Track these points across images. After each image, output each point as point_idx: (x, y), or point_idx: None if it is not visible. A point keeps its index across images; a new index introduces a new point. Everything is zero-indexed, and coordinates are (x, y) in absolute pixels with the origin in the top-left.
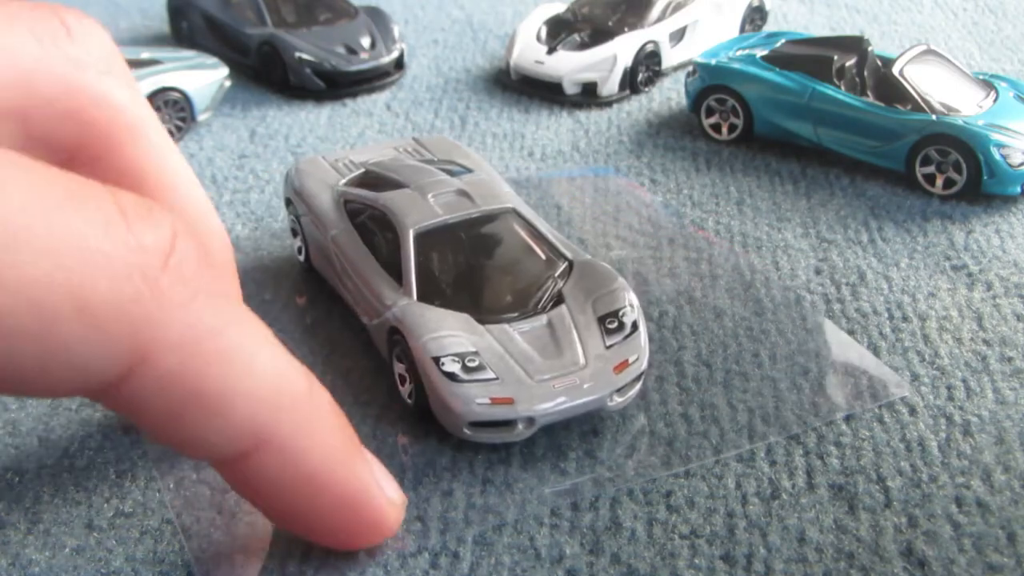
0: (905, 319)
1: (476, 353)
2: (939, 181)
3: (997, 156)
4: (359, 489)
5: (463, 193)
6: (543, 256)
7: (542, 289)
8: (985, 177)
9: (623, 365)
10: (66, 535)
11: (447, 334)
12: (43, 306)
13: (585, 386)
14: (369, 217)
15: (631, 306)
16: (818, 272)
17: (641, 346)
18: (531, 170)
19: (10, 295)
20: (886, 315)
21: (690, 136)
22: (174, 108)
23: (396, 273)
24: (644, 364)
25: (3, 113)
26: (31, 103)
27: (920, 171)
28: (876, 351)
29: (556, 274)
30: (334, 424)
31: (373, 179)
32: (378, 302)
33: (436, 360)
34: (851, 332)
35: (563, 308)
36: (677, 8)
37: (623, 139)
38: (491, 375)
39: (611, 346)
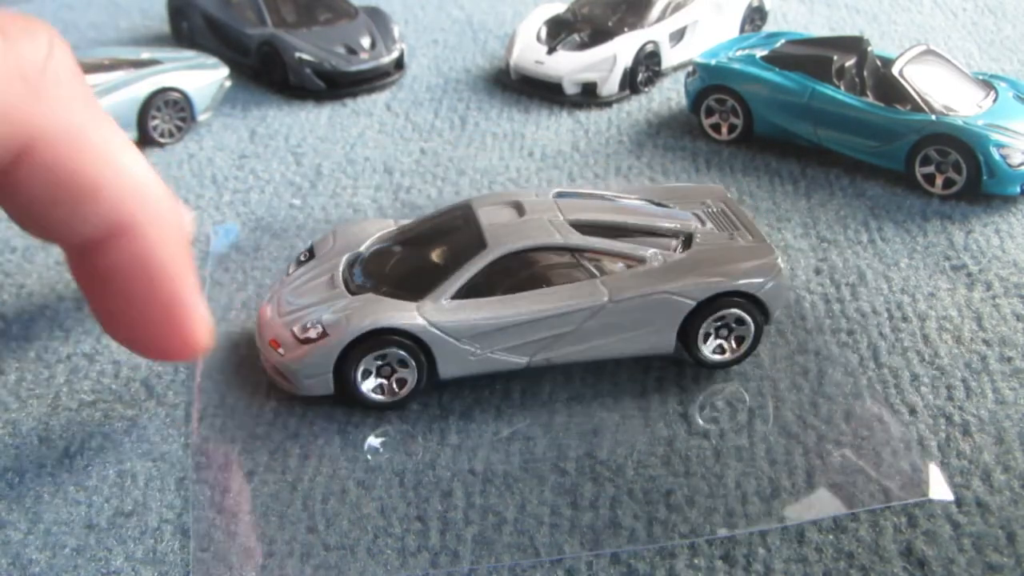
0: (905, 319)
1: None
2: (939, 181)
3: (997, 156)
4: (189, 297)
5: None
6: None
7: None
8: (985, 177)
9: None
10: (66, 535)
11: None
12: None
13: None
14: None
15: None
16: (818, 272)
17: None
18: (531, 170)
19: None
20: (886, 315)
21: (690, 136)
22: (174, 108)
23: None
24: None
25: None
26: None
27: (920, 171)
28: (876, 351)
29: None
30: (181, 233)
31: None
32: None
33: None
34: (851, 332)
35: None
36: (677, 8)
37: (623, 139)
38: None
39: None
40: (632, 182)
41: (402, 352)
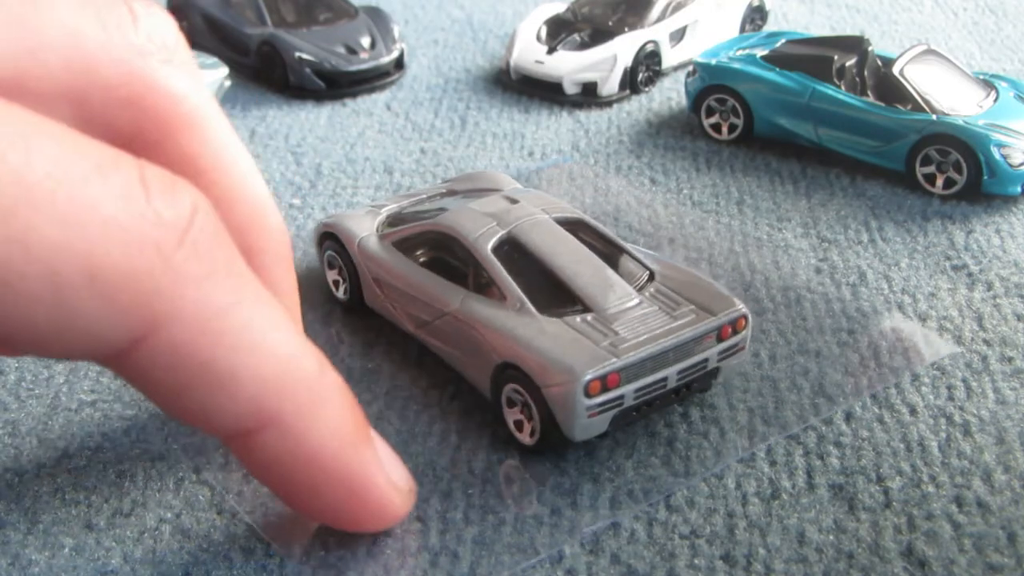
0: (905, 319)
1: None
2: (939, 181)
3: (997, 156)
4: (363, 473)
5: (510, 199)
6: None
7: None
8: (985, 177)
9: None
10: (65, 535)
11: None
12: (57, 272)
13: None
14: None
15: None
16: (818, 272)
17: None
18: (531, 170)
19: (27, 259)
20: (886, 315)
21: (690, 136)
22: None
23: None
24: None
25: (61, 94)
26: (91, 87)
27: (920, 171)
28: (876, 351)
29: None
30: (342, 407)
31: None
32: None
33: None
34: (851, 332)
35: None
36: (677, 8)
37: (623, 139)
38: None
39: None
40: (632, 182)
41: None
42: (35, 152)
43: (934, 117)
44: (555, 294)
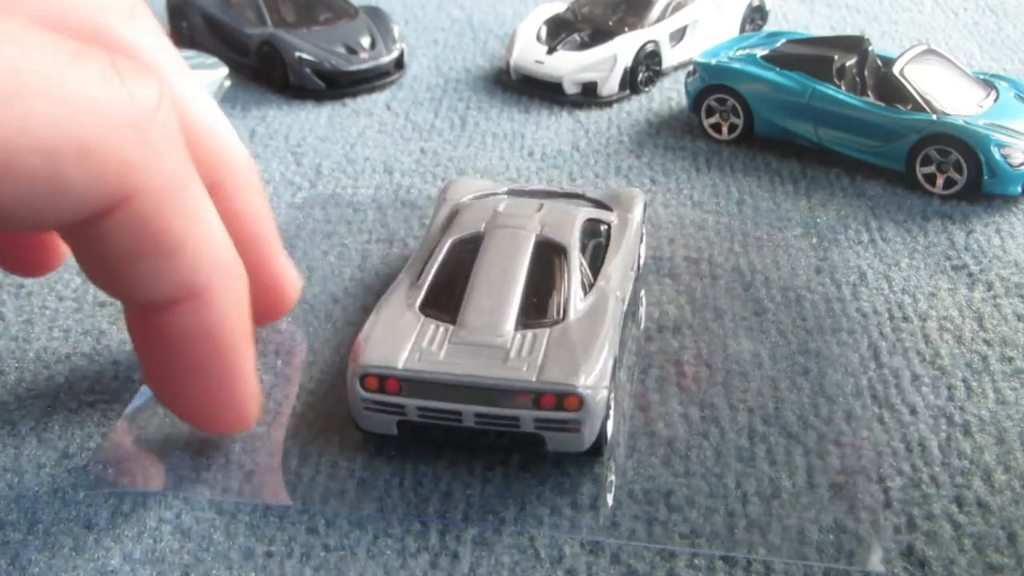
0: (905, 319)
1: None
2: (939, 181)
3: (998, 156)
4: (242, 369)
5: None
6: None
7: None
8: (986, 177)
9: None
10: (64, 535)
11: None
12: (54, 149)
13: None
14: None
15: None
16: (818, 272)
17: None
18: (531, 170)
19: (28, 139)
20: (886, 315)
21: (690, 136)
22: None
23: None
24: None
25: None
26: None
27: (920, 171)
28: (876, 351)
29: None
30: (245, 298)
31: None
32: None
33: None
34: (851, 332)
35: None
36: (677, 8)
37: (623, 139)
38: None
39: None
40: (632, 182)
41: None
42: (25, 45)
43: (934, 117)
44: (451, 300)
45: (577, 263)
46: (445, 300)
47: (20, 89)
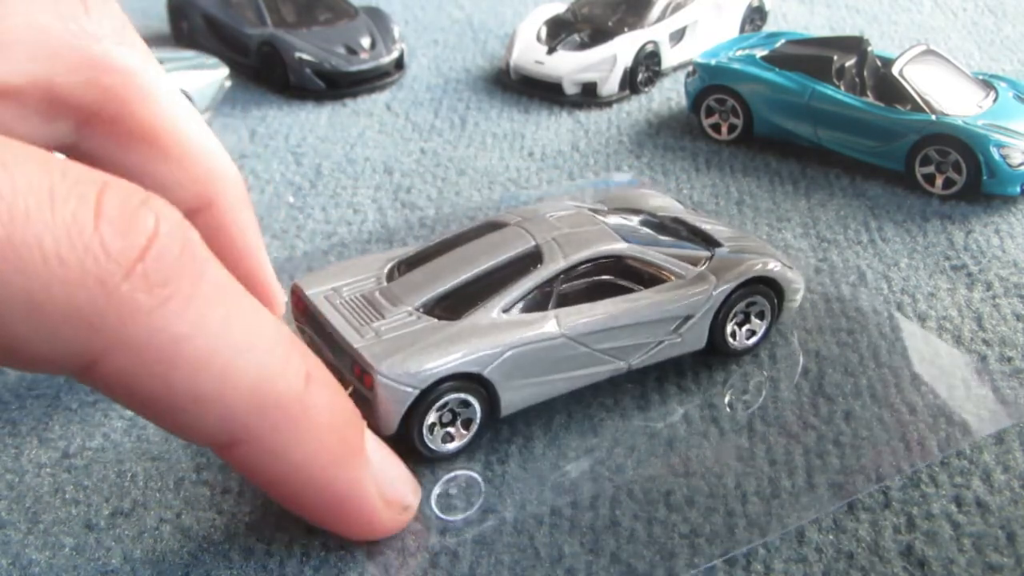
0: (905, 319)
1: None
2: (939, 181)
3: (997, 156)
4: (349, 491)
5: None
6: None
7: None
8: (985, 177)
9: None
10: (65, 535)
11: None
12: None
13: None
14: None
15: None
16: (818, 272)
17: None
18: (531, 170)
19: None
20: (886, 315)
21: (690, 136)
22: None
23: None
24: None
25: (29, 82)
26: (56, 72)
27: (920, 171)
28: (876, 351)
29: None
30: (328, 425)
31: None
32: (691, 304)
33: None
34: (851, 332)
35: None
36: (677, 8)
37: (623, 139)
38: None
39: None
40: (631, 182)
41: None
42: None
43: (933, 117)
44: (416, 265)
45: (541, 279)
46: (415, 263)
47: None
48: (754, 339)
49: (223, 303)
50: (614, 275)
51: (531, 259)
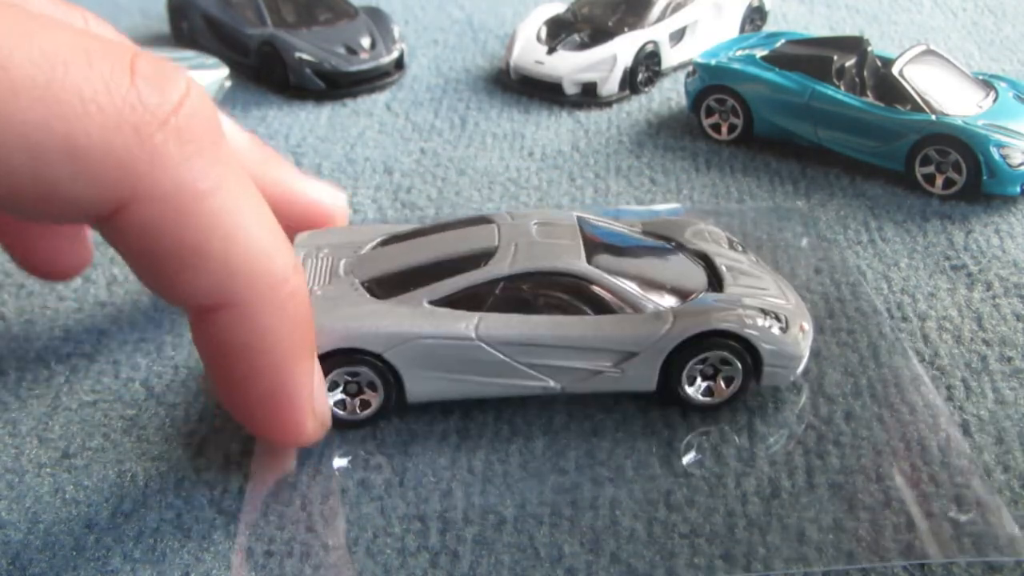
0: (905, 319)
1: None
2: (939, 181)
3: (997, 156)
4: (292, 385)
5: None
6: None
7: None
8: (985, 177)
9: None
10: (65, 535)
11: (753, 302)
12: (37, 148)
13: None
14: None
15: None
16: (818, 272)
17: None
18: (531, 170)
19: (8, 135)
20: (886, 315)
21: (690, 136)
22: None
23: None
24: None
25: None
26: (85, 140)
27: (920, 171)
28: (876, 351)
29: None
30: (297, 317)
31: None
32: (634, 341)
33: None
34: (851, 332)
35: None
36: (677, 8)
37: (623, 139)
38: (785, 314)
39: None
40: (631, 182)
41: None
42: (20, 42)
43: (933, 117)
44: (397, 240)
45: (477, 280)
46: (392, 242)
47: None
48: (711, 399)
49: (239, 177)
50: (566, 294)
51: (482, 259)
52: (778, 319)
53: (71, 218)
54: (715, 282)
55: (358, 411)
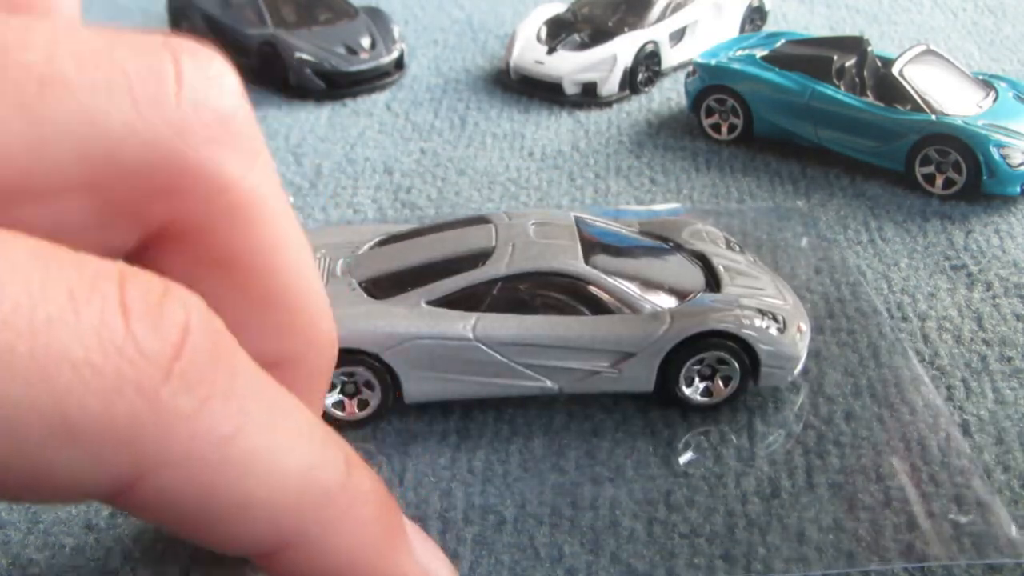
0: (905, 319)
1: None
2: (939, 181)
3: (997, 156)
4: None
5: (540, 224)
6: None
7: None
8: (985, 177)
9: None
10: (65, 535)
11: (744, 304)
12: (20, 427)
13: None
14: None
15: None
16: (818, 272)
17: None
18: (531, 170)
19: None
20: (886, 315)
21: (690, 136)
22: None
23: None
24: None
25: (78, 187)
26: (113, 176)
27: (920, 171)
28: (876, 351)
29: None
30: (372, 513)
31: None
32: (631, 341)
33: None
34: (851, 332)
35: None
36: (677, 8)
37: (623, 139)
38: (783, 315)
39: None
40: (632, 182)
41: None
42: None
43: (933, 117)
44: (395, 240)
45: (474, 281)
46: (390, 242)
47: None
48: (709, 399)
49: (261, 395)
50: (564, 294)
51: (479, 259)
52: (775, 319)
53: (70, 499)
54: (712, 282)
55: (356, 411)
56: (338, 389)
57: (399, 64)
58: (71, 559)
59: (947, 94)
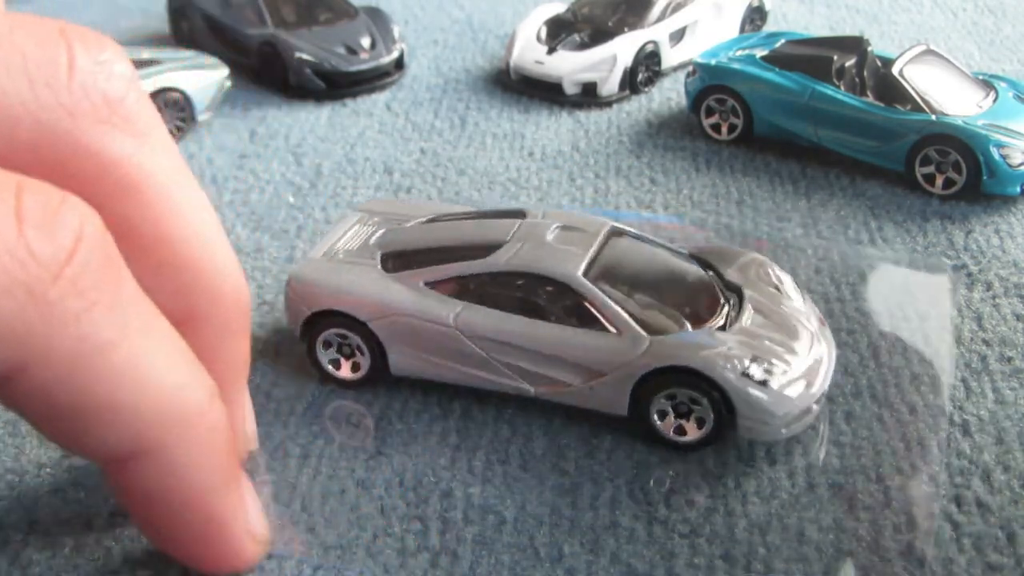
0: (905, 319)
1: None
2: (939, 181)
3: (997, 156)
4: (224, 516)
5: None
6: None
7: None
8: (985, 177)
9: None
10: (65, 534)
11: (726, 346)
12: None
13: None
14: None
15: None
16: (818, 272)
17: None
18: (531, 170)
19: None
20: (886, 315)
21: (690, 136)
22: (174, 108)
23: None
24: None
25: None
26: (10, 149)
27: (920, 171)
28: (876, 351)
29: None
30: (222, 446)
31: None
32: (603, 360)
33: (746, 373)
34: (851, 332)
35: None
36: (677, 8)
37: (623, 139)
38: (785, 367)
39: None
40: (632, 182)
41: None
42: None
43: (933, 117)
44: (433, 220)
45: (468, 271)
46: (431, 221)
47: None
48: (683, 438)
49: (143, 312)
50: (552, 301)
51: (488, 250)
52: (770, 371)
53: None
54: (732, 320)
55: (350, 373)
56: (335, 348)
57: (399, 64)
58: (71, 559)
59: (947, 94)
